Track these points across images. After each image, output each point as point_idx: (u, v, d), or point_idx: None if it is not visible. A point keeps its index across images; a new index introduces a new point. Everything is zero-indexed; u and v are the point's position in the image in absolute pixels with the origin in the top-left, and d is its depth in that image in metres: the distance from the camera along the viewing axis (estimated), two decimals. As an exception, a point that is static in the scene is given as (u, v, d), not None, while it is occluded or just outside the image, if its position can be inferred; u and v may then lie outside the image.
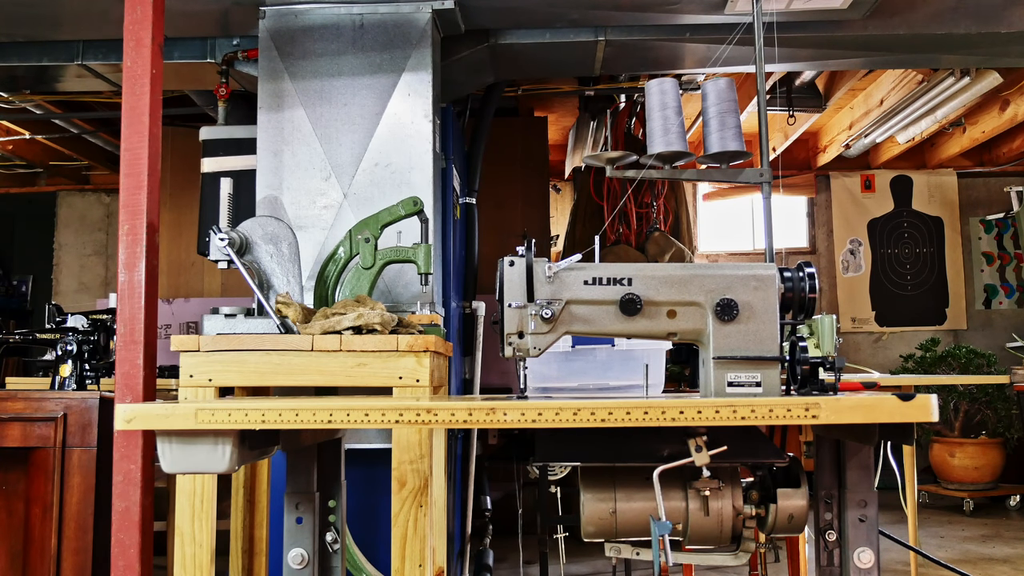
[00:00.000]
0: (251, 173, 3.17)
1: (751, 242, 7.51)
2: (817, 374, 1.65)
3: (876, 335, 7.20)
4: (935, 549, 4.66)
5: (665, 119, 1.92)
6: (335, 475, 1.87)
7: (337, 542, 1.80)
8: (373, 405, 1.47)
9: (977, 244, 7.30)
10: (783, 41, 2.69)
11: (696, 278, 1.66)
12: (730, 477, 1.65)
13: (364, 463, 2.91)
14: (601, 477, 1.64)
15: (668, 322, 1.66)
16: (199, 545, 2.24)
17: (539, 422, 1.46)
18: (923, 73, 4.86)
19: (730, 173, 2.00)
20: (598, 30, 3.45)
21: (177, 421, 1.46)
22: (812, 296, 1.67)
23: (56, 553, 2.57)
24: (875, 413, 1.47)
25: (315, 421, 1.45)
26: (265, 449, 1.65)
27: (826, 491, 1.74)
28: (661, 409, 1.46)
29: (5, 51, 3.53)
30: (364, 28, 3.12)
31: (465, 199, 4.02)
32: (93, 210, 6.92)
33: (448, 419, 1.45)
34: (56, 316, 3.14)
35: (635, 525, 1.62)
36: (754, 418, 1.46)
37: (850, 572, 1.66)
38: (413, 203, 2.60)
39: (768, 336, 1.63)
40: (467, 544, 3.80)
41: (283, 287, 2.53)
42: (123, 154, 2.21)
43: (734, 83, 1.98)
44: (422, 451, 2.23)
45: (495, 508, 4.15)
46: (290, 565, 1.71)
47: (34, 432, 2.60)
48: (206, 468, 1.48)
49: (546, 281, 1.65)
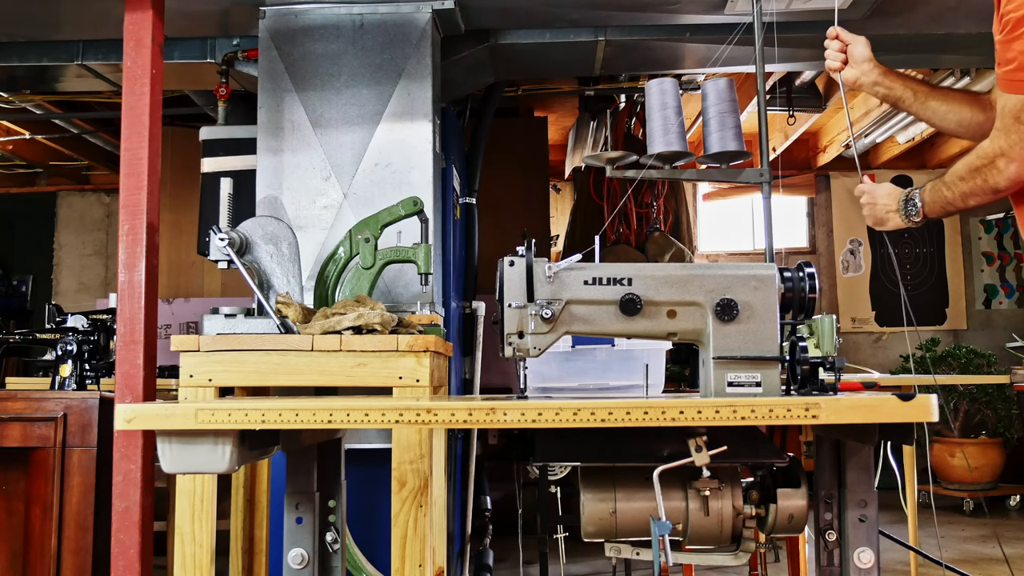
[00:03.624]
0: (251, 173, 3.17)
1: (751, 242, 7.51)
2: (817, 374, 1.65)
3: (876, 335, 7.20)
4: (935, 549, 4.66)
5: (665, 119, 1.92)
6: (335, 475, 1.87)
7: (337, 542, 1.80)
8: (373, 405, 1.47)
9: (977, 244, 7.30)
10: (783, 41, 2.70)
11: (696, 278, 1.66)
12: (730, 477, 1.65)
13: (364, 463, 2.91)
14: (601, 477, 1.64)
15: (668, 322, 1.66)
16: (199, 545, 2.24)
17: (539, 422, 1.46)
18: (923, 73, 4.86)
19: (730, 173, 2.00)
20: (598, 30, 3.46)
21: (177, 421, 1.46)
22: (812, 296, 1.67)
23: (56, 553, 2.57)
24: (875, 413, 1.47)
25: (315, 421, 1.45)
26: (265, 449, 1.65)
27: (826, 491, 1.74)
28: (661, 409, 1.46)
29: (5, 51, 3.53)
30: (364, 28, 3.12)
31: (465, 199, 4.02)
32: (93, 210, 6.93)
33: (448, 419, 1.45)
34: (56, 316, 3.14)
35: (635, 525, 1.62)
36: (754, 418, 1.46)
37: (850, 572, 1.66)
38: (413, 203, 2.60)
39: (768, 336, 1.63)
40: (467, 544, 3.80)
41: (283, 287, 2.53)
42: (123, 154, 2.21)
43: (734, 83, 1.98)
44: (422, 451, 2.23)
45: (495, 508, 4.15)
46: (290, 565, 1.71)
47: (34, 432, 2.60)
48: (206, 468, 1.48)
49: (546, 281, 1.65)
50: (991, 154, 1.74)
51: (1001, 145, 1.72)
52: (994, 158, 1.73)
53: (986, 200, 1.81)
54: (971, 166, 1.78)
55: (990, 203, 1.84)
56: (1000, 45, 1.74)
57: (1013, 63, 1.70)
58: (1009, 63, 1.71)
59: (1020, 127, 1.69)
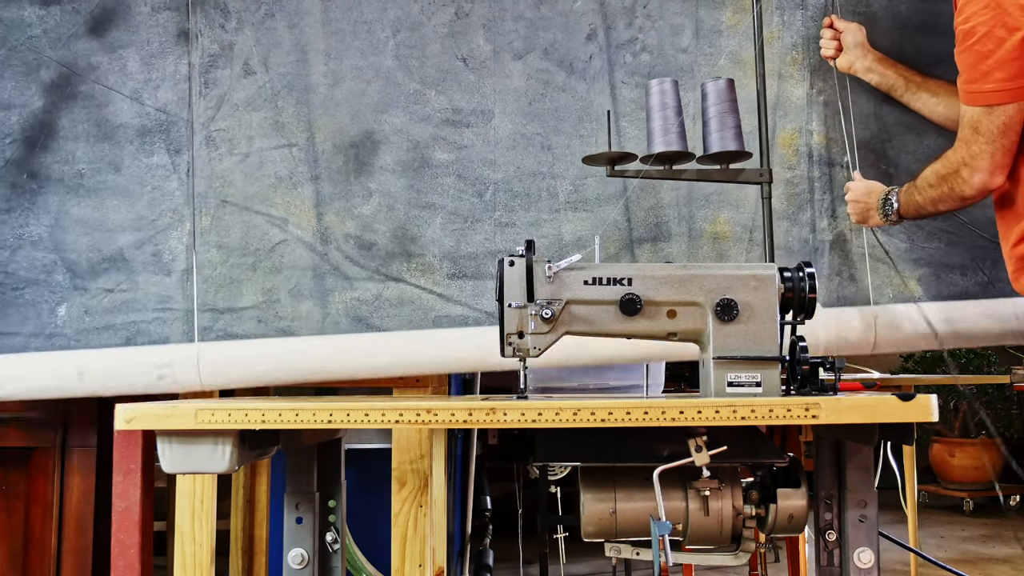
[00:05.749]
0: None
1: (751, 242, 7.51)
2: (817, 374, 1.65)
3: (876, 335, 7.19)
4: (935, 549, 4.67)
5: (665, 119, 1.92)
6: (335, 475, 1.87)
7: (337, 542, 1.80)
8: (373, 405, 1.47)
9: (977, 244, 7.28)
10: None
11: (696, 278, 1.66)
12: (730, 477, 1.65)
13: (364, 463, 2.91)
14: (601, 477, 1.64)
15: (668, 322, 1.66)
16: (199, 545, 2.24)
17: (539, 422, 1.46)
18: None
19: (730, 173, 2.00)
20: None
21: (177, 421, 1.46)
22: (812, 296, 1.67)
23: (56, 553, 2.57)
24: (875, 413, 1.47)
25: (315, 421, 1.45)
26: (265, 449, 1.65)
27: (826, 491, 1.74)
28: (661, 409, 1.46)
29: None
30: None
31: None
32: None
33: (448, 419, 1.46)
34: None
35: (635, 525, 1.62)
36: (754, 418, 1.47)
37: (850, 572, 1.66)
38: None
39: (768, 336, 1.63)
40: (467, 544, 3.80)
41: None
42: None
43: (734, 83, 1.98)
44: (422, 451, 2.23)
45: (495, 508, 4.15)
46: (290, 565, 1.71)
47: (34, 432, 2.60)
48: (206, 468, 1.48)
49: (546, 281, 1.66)
50: (955, 164, 1.76)
51: (963, 156, 1.74)
52: (958, 168, 1.75)
53: (956, 207, 1.83)
54: (938, 174, 1.81)
55: (961, 208, 1.86)
56: (956, 57, 1.75)
57: (965, 75, 1.72)
58: (962, 74, 1.73)
59: (979, 138, 1.71)
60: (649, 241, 2.33)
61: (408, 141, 2.34)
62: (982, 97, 1.70)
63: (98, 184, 2.34)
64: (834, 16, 2.19)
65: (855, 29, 2.15)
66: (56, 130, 2.36)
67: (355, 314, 2.30)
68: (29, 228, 2.34)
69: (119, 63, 2.37)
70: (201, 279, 2.30)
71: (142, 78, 2.36)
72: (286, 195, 2.33)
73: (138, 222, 2.33)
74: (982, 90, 1.70)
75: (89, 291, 2.31)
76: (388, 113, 2.35)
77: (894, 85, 2.12)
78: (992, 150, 1.71)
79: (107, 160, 2.35)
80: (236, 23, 2.36)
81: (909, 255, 2.29)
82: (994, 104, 1.69)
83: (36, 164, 2.35)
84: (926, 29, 2.32)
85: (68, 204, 2.34)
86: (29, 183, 2.34)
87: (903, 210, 1.92)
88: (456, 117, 2.35)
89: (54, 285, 2.32)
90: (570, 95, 2.35)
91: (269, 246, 2.32)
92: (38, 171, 2.35)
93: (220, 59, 2.36)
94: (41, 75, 2.36)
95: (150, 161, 2.34)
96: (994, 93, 1.69)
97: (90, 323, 2.29)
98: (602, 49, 2.35)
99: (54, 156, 2.35)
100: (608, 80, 2.35)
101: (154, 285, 2.31)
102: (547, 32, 2.36)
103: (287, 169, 2.34)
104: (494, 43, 2.36)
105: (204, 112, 2.35)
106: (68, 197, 2.34)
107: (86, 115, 2.36)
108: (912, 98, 2.10)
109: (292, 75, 2.36)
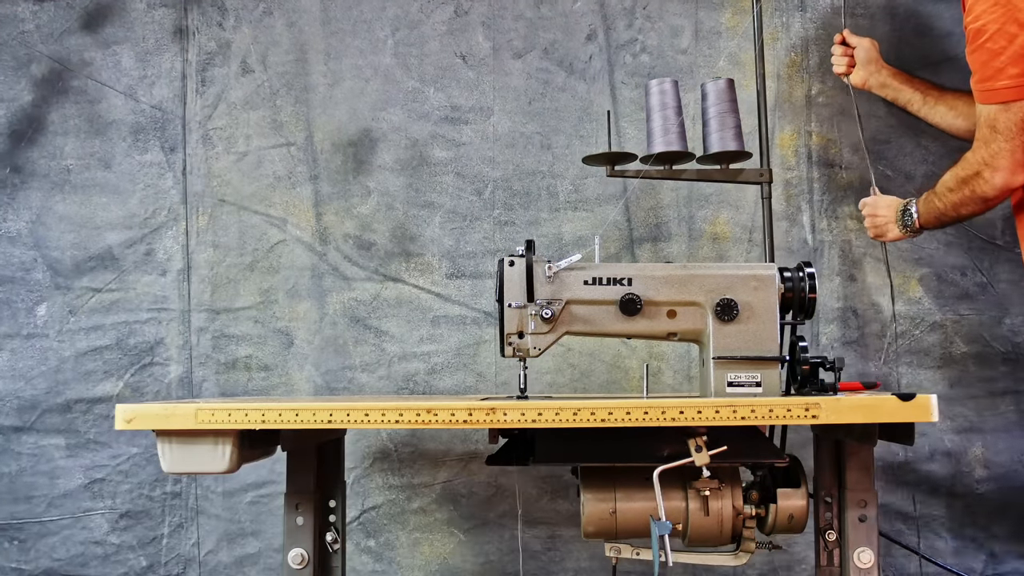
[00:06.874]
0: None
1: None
2: (817, 374, 1.65)
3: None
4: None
5: (665, 119, 1.92)
6: (335, 475, 1.87)
7: (337, 542, 1.79)
8: (373, 405, 1.47)
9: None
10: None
11: (696, 278, 1.66)
12: (730, 477, 1.65)
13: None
14: (601, 477, 1.64)
15: (668, 322, 1.66)
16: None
17: (539, 422, 1.46)
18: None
19: (730, 173, 2.00)
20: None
21: (177, 421, 1.45)
22: (812, 296, 1.67)
23: None
24: (875, 413, 1.47)
25: (315, 421, 1.45)
26: (265, 449, 1.65)
27: (826, 491, 1.74)
28: (661, 409, 1.46)
29: None
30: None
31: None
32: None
33: (448, 419, 1.45)
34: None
35: (635, 525, 1.62)
36: (754, 418, 1.47)
37: (850, 572, 1.66)
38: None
39: (768, 336, 1.63)
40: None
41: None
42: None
43: (734, 83, 1.98)
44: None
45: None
46: (290, 565, 1.71)
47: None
48: (206, 468, 1.47)
49: (546, 281, 1.66)
50: (975, 165, 1.73)
51: (983, 155, 1.71)
52: (979, 169, 1.72)
53: (978, 210, 1.79)
54: (958, 177, 1.77)
55: (984, 212, 1.82)
56: (967, 57, 1.74)
57: (978, 74, 1.71)
58: (975, 74, 1.72)
59: (998, 136, 1.68)
60: (649, 241, 2.33)
61: (407, 139, 2.34)
62: (997, 94, 1.68)
63: (86, 180, 2.33)
64: (846, 31, 2.12)
65: (868, 44, 2.09)
66: (45, 125, 2.35)
67: (353, 314, 2.30)
68: (7, 224, 2.33)
69: (113, 59, 2.36)
70: (197, 279, 2.30)
71: (137, 75, 2.35)
72: (285, 194, 2.33)
73: (129, 220, 2.33)
74: (997, 87, 1.67)
75: (73, 290, 2.30)
76: (387, 111, 2.35)
77: (911, 100, 2.06)
78: (1012, 147, 1.67)
79: (97, 156, 2.34)
80: (234, 21, 2.36)
81: (909, 255, 2.29)
82: (1010, 100, 1.66)
83: (21, 159, 2.34)
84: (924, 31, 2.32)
85: (52, 200, 2.33)
86: (11, 178, 2.33)
87: (923, 220, 1.87)
88: (455, 114, 2.35)
89: (32, 283, 2.30)
90: (570, 95, 2.35)
91: (267, 246, 2.32)
92: (22, 166, 2.34)
93: (217, 57, 2.36)
94: (32, 70, 2.36)
95: (143, 158, 2.34)
96: (1009, 89, 1.66)
97: (75, 323, 2.28)
98: (602, 49, 2.35)
99: (41, 151, 2.34)
100: (608, 80, 2.34)
101: (147, 285, 2.30)
102: (547, 32, 2.36)
103: (286, 168, 2.33)
104: (493, 41, 2.36)
105: (201, 110, 2.35)
106: (52, 193, 2.33)
107: (77, 110, 2.35)
108: (930, 112, 2.05)
109: (291, 74, 2.35)
